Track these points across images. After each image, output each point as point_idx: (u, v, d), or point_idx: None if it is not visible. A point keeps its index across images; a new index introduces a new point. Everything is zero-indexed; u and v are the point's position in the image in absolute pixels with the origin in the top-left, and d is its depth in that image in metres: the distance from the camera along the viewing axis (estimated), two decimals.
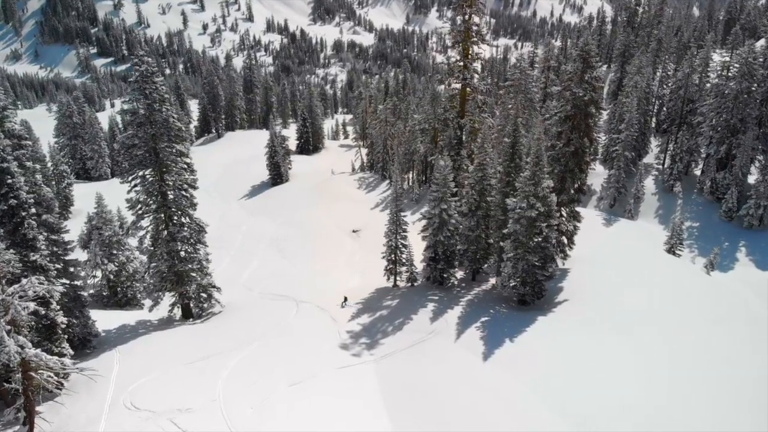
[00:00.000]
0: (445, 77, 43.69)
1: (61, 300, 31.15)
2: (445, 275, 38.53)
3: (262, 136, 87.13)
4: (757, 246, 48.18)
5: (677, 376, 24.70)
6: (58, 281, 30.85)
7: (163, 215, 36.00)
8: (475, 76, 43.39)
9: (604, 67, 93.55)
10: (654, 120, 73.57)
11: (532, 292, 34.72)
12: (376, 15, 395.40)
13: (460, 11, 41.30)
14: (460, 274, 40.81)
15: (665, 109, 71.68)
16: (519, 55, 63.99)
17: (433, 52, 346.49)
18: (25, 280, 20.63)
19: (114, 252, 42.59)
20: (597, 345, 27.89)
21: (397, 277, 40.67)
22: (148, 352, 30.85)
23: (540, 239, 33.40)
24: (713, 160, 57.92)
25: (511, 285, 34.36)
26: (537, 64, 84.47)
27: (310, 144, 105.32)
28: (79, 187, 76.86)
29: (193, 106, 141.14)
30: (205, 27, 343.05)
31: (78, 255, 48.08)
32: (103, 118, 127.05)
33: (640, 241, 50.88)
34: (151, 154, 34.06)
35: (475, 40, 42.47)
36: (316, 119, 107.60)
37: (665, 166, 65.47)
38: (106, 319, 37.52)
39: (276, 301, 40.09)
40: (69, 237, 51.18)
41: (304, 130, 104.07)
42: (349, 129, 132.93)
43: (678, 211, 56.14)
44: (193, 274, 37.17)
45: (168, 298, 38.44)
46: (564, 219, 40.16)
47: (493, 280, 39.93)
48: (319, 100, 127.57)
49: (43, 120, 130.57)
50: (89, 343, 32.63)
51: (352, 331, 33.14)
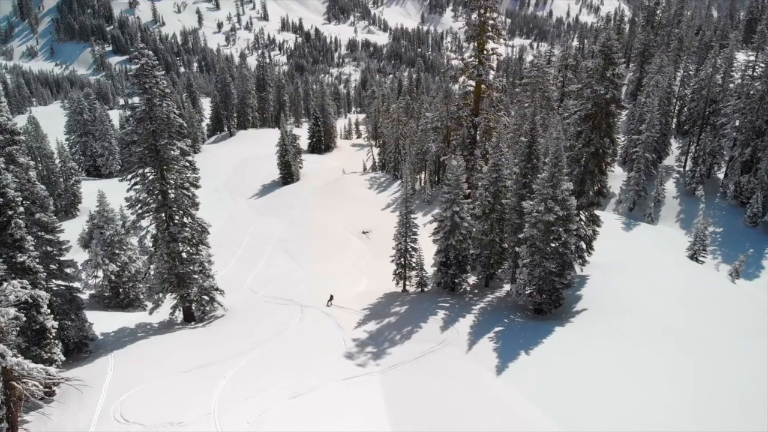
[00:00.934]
0: (459, 74, 41.88)
1: (55, 302, 30.14)
2: (456, 281, 36.78)
3: (274, 135, 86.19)
4: None
5: (703, 397, 22.79)
6: (53, 282, 29.84)
7: (163, 215, 34.64)
8: (491, 73, 41.57)
9: (622, 67, 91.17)
10: (675, 121, 71.36)
11: (549, 300, 32.87)
12: (391, 14, 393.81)
13: (476, 4, 39.48)
14: (472, 280, 39.07)
15: (687, 109, 69.39)
16: (537, 52, 62.10)
17: (447, 51, 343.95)
18: (6, 284, 19.27)
19: (116, 252, 41.43)
20: (618, 362, 25.98)
21: (407, 282, 39.04)
22: (144, 358, 29.49)
23: (558, 245, 31.57)
24: (737, 162, 55.61)
25: (526, 293, 32.53)
26: (553, 64, 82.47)
27: (322, 143, 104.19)
28: (88, 185, 76.13)
29: (206, 104, 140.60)
30: (219, 25, 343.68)
31: (79, 254, 47.15)
32: (116, 115, 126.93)
33: (662, 247, 48.88)
34: (151, 151, 32.72)
35: (490, 35, 40.62)
36: (329, 118, 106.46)
37: (687, 169, 63.27)
38: (105, 322, 36.37)
39: (280, 306, 38.59)
40: (70, 236, 50.65)
41: (316, 129, 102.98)
42: (362, 128, 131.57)
43: (700, 216, 53.92)
44: (195, 276, 35.79)
45: (169, 300, 37.10)
46: (583, 223, 38.30)
47: (507, 287, 38.11)
48: (331, 99, 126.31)
49: (56, 117, 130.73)
50: (85, 347, 31.43)
51: (358, 339, 31.49)
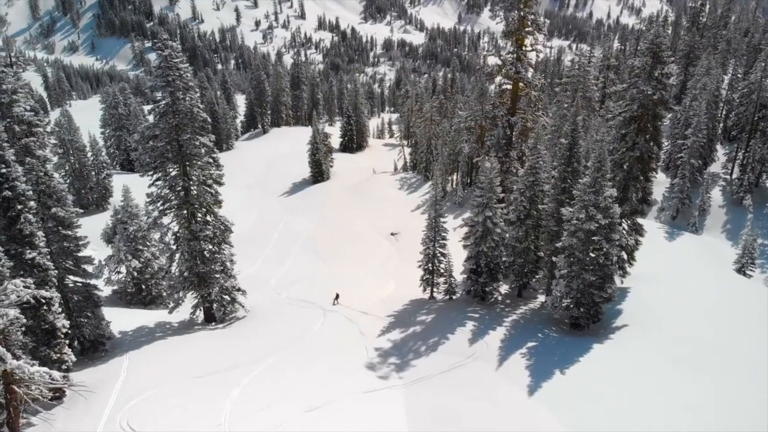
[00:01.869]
0: (496, 71, 39.75)
1: (71, 299, 29.38)
2: (487, 289, 34.69)
3: (307, 133, 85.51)
4: None
5: (756, 425, 20.45)
6: (69, 278, 29.07)
7: (185, 212, 33.61)
8: (529, 70, 39.33)
9: (671, 66, 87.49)
10: (722, 126, 67.66)
11: (587, 314, 30.60)
12: (428, 14, 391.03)
13: None
14: (504, 289, 36.94)
15: (734, 114, 65.56)
16: (579, 50, 59.50)
17: (484, 51, 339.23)
18: (8, 284, 18.23)
19: (139, 248, 40.70)
20: (662, 386, 23.68)
21: (434, 289, 37.16)
22: (159, 360, 28.41)
23: (599, 256, 29.31)
24: None
25: (563, 306, 30.34)
26: (594, 65, 79.39)
27: (354, 142, 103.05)
28: (120, 178, 76.46)
29: (241, 101, 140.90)
30: (257, 23, 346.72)
31: (102, 250, 46.84)
32: None
33: (707, 259, 45.90)
34: (174, 147, 31.69)
35: (530, 30, 38.40)
36: (361, 117, 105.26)
37: (734, 177, 59.67)
38: (125, 319, 35.59)
39: (302, 309, 37.21)
40: (97, 230, 50.39)
41: (348, 128, 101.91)
42: (395, 128, 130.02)
43: (748, 227, 50.72)
44: (216, 276, 34.70)
45: (190, 300, 36.10)
46: (624, 232, 35.84)
47: (541, 298, 35.91)
48: (365, 98, 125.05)
49: (95, 111, 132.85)
50: (102, 345, 30.53)
51: (381, 349, 29.80)
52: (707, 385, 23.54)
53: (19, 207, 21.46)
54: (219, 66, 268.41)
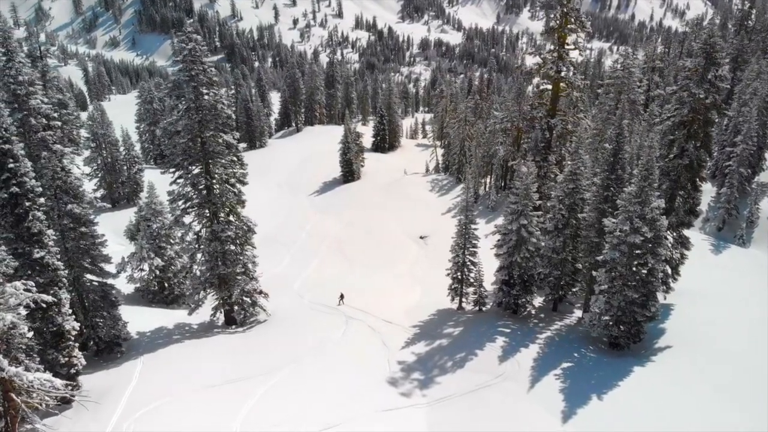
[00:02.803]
0: (536, 70, 37.50)
1: (87, 299, 28.58)
2: (520, 302, 32.59)
3: (339, 132, 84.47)
4: None
5: None
6: (86, 277, 28.27)
7: (207, 211, 32.54)
8: (572, 70, 36.98)
9: (725, 68, 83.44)
10: None
11: (628, 334, 28.31)
12: (466, 13, 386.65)
13: None
14: (538, 302, 34.73)
15: None
16: (624, 50, 56.64)
17: (522, 53, 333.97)
18: (7, 287, 17.19)
19: (162, 245, 39.90)
20: (708, 415, 21.41)
21: (463, 299, 35.19)
22: (173, 366, 27.34)
23: (643, 271, 27.02)
24: None
25: (602, 324, 28.10)
26: (638, 67, 75.97)
27: (386, 142, 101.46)
28: (152, 173, 76.69)
29: (276, 99, 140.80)
30: (295, 22, 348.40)
31: (126, 247, 46.34)
32: None
33: (756, 275, 42.71)
34: (196, 143, 30.60)
35: (573, 27, 36.07)
36: (394, 117, 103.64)
37: None
38: (144, 319, 34.79)
39: (324, 315, 35.74)
40: (120, 226, 49.94)
41: (381, 128, 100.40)
42: (428, 128, 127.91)
43: None
44: (238, 278, 33.59)
45: (211, 301, 35.04)
46: (670, 245, 33.33)
47: (578, 313, 33.64)
48: (399, 98, 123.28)
49: (132, 105, 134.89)
50: (118, 347, 29.64)
51: (405, 363, 28.09)
52: (761, 418, 21.14)
53: (28, 204, 20.52)
54: (256, 64, 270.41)
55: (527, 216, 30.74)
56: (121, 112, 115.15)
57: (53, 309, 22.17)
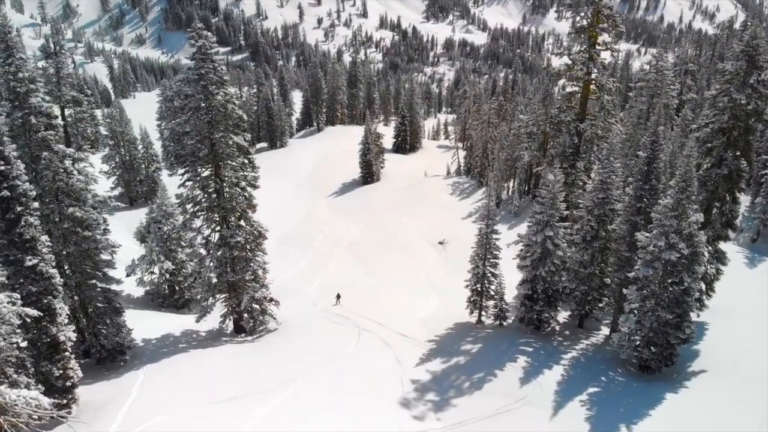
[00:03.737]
0: (564, 71, 35.45)
1: (90, 305, 27.53)
2: (543, 318, 30.64)
3: (360, 132, 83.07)
4: None
5: None
6: (88, 283, 27.18)
7: (216, 216, 31.28)
8: (603, 71, 34.84)
9: None
10: None
11: (660, 357, 26.27)
12: (492, 14, 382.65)
13: None
14: (562, 316, 32.77)
15: None
16: (657, 52, 54.12)
17: (548, 53, 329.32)
18: None
19: (172, 248, 38.82)
20: None
21: (483, 313, 33.36)
22: (176, 379, 26.05)
23: (678, 290, 24.98)
24: None
25: (632, 345, 26.12)
26: (670, 70, 73.00)
27: (407, 143, 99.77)
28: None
29: (298, 99, 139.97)
30: (319, 21, 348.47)
31: (136, 249, 45.35)
32: None
33: None
34: (205, 145, 29.34)
35: (605, 26, 33.95)
36: (416, 117, 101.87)
37: None
38: (151, 325, 33.66)
39: (336, 325, 34.20)
40: (137, 224, 49.02)
41: (402, 128, 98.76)
42: (451, 129, 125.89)
43: None
44: (247, 285, 32.21)
45: (220, 308, 33.81)
46: (705, 260, 31.10)
47: (605, 330, 31.62)
48: (421, 99, 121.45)
49: (155, 103, 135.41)
50: (121, 355, 28.48)
51: (419, 381, 26.41)
52: None
53: (20, 209, 19.35)
54: (280, 63, 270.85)
55: (553, 227, 28.82)
56: (145, 110, 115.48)
57: (47, 319, 21.07)
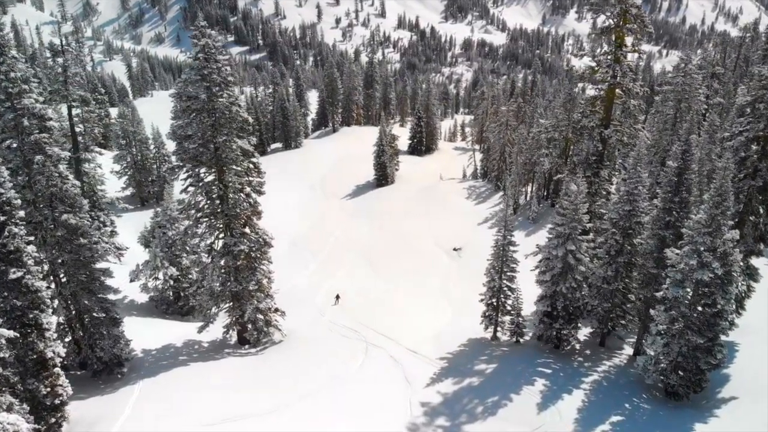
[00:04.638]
0: (588, 74, 33.51)
1: (86, 316, 26.39)
2: (562, 335, 28.79)
3: (375, 133, 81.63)
4: None
5: None
6: (86, 293, 26.02)
7: (220, 223, 29.99)
8: (629, 74, 32.87)
9: None
10: None
11: (689, 382, 24.37)
12: (511, 14, 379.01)
13: None
14: (583, 333, 30.86)
15: None
16: (685, 54, 51.74)
17: (568, 54, 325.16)
18: None
19: (177, 254, 37.66)
20: None
21: (498, 328, 31.59)
22: (172, 395, 24.77)
23: (710, 312, 23.06)
24: None
25: (658, 370, 24.27)
26: (699, 73, 70.28)
27: (423, 144, 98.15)
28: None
29: (314, 99, 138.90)
30: (338, 21, 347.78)
31: (140, 254, 44.37)
32: None
33: None
34: (208, 149, 28.05)
35: (633, 27, 31.99)
36: (432, 119, 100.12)
37: None
38: (153, 334, 32.47)
39: (343, 339, 32.67)
40: (137, 228, 47.98)
41: (418, 130, 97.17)
42: (468, 130, 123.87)
43: None
44: (251, 296, 30.84)
45: (223, 317, 32.52)
46: (739, 279, 29.06)
47: (628, 349, 29.71)
48: (438, 99, 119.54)
49: (170, 102, 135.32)
50: (118, 367, 27.25)
51: (429, 404, 24.75)
52: None
53: (3, 218, 18.15)
54: (297, 62, 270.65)
55: (575, 240, 26.99)
56: (162, 109, 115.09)
57: (33, 334, 19.89)
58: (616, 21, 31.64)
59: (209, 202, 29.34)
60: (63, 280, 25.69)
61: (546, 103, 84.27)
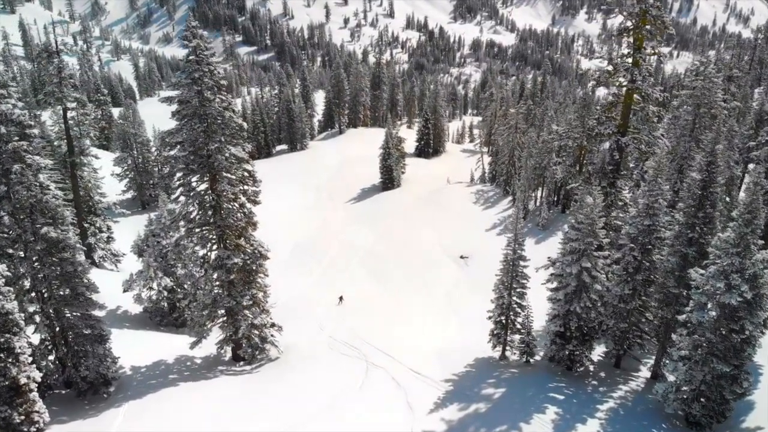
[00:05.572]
0: (604, 78, 31.71)
1: (70, 334, 24.94)
2: (575, 357, 27.01)
3: (382, 135, 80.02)
4: None
5: None
6: (66, 309, 24.53)
7: (212, 234, 28.46)
8: (649, 79, 31.04)
9: None
10: None
11: (712, 412, 22.57)
12: (520, 14, 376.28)
13: None
14: (597, 353, 29.03)
15: None
16: (705, 56, 49.88)
17: (578, 55, 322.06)
18: None
19: (172, 264, 36.18)
20: None
21: (507, 347, 29.84)
22: (158, 420, 23.23)
23: (738, 339, 21.24)
24: None
25: (679, 398, 22.49)
26: (719, 77, 68.07)
27: (430, 146, 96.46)
28: None
29: (321, 100, 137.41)
30: (346, 21, 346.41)
31: (133, 264, 42.90)
32: (238, 105, 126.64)
33: None
34: (199, 156, 26.52)
35: (652, 28, 30.19)
36: (440, 120, 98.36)
37: None
38: (143, 350, 30.96)
39: (343, 357, 30.99)
40: (137, 232, 46.57)
41: (425, 132, 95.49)
42: (476, 132, 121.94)
43: None
44: (246, 312, 29.25)
45: (218, 331, 30.98)
46: None
47: (644, 371, 27.90)
48: (445, 101, 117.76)
49: None
50: (105, 387, 25.74)
51: None
52: None
53: None
54: (305, 63, 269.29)
55: (591, 258, 25.20)
56: (167, 109, 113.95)
57: (5, 359, 18.43)
58: (635, 22, 29.83)
59: (201, 212, 27.84)
60: (45, 296, 24.28)
61: (556, 105, 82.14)
